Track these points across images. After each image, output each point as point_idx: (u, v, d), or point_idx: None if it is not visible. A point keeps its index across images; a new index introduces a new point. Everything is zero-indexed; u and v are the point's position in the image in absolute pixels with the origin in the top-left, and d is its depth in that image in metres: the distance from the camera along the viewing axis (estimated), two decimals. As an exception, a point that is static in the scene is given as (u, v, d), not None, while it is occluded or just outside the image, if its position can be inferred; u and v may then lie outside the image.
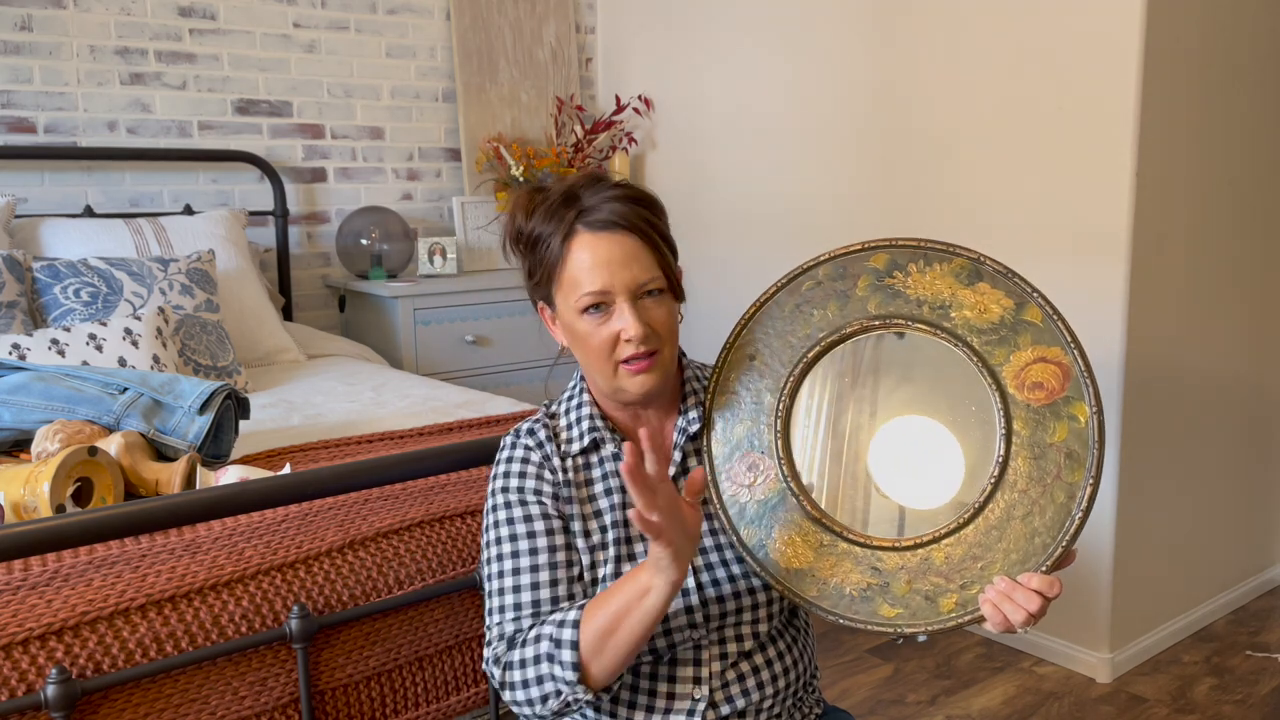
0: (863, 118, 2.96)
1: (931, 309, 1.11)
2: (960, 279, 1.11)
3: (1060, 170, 2.49)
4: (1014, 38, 2.55)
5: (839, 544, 1.10)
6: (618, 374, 1.15)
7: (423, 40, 3.54)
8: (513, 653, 1.10)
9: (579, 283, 1.13)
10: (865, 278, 1.14)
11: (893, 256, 1.14)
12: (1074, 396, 1.04)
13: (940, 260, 1.12)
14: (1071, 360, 1.05)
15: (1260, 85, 2.72)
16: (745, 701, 1.18)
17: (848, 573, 1.08)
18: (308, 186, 3.37)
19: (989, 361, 1.07)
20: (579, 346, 1.17)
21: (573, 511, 1.18)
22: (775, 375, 1.16)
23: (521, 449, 1.22)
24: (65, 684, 1.11)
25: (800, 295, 1.17)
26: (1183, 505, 2.72)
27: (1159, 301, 2.51)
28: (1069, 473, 1.03)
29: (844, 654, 2.67)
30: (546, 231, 1.15)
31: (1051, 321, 1.06)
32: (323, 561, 1.38)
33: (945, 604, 1.04)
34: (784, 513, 1.12)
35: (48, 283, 2.46)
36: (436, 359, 3.17)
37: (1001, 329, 1.08)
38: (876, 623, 1.06)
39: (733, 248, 3.41)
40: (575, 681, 1.05)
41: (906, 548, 1.07)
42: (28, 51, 2.85)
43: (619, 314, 1.13)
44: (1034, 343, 1.06)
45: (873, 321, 1.13)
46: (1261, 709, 2.41)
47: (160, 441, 1.73)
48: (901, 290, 1.13)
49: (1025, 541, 1.03)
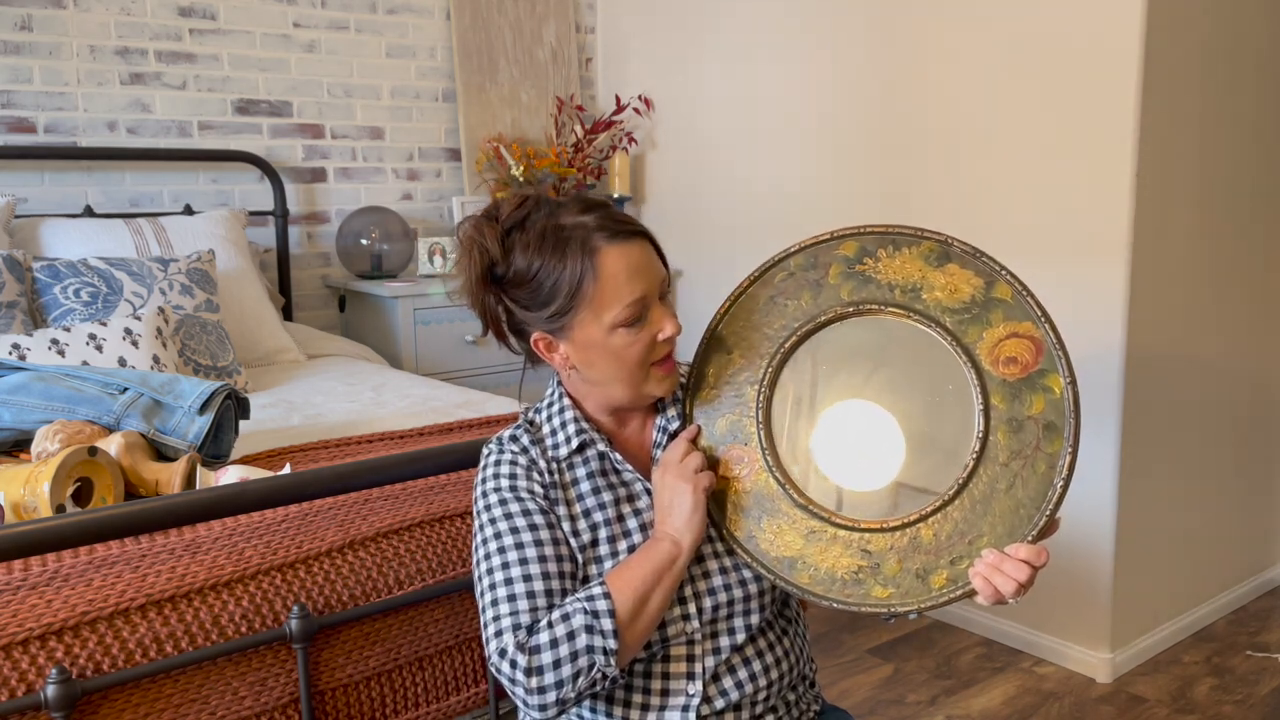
0: (863, 118, 2.96)
1: (903, 293, 1.13)
2: (929, 261, 1.13)
3: (1061, 170, 2.49)
4: (1015, 38, 2.55)
5: (827, 529, 1.11)
6: (648, 379, 1.16)
7: (423, 40, 3.54)
8: (537, 637, 1.09)
9: (619, 295, 1.11)
10: (836, 266, 1.16)
11: (862, 244, 1.16)
12: (1048, 369, 1.07)
13: (909, 244, 1.15)
14: (1043, 334, 1.07)
15: (1261, 84, 2.72)
16: (739, 694, 1.18)
17: (838, 557, 1.10)
18: (308, 186, 3.37)
19: (963, 340, 1.10)
20: (604, 362, 1.15)
21: (560, 513, 1.18)
22: (754, 367, 1.17)
23: (509, 453, 1.21)
24: (65, 684, 1.10)
25: (774, 287, 1.18)
26: (1183, 505, 2.72)
27: (1159, 302, 2.51)
28: (1048, 443, 1.05)
29: (844, 654, 2.67)
30: (552, 264, 1.12)
31: (1021, 297, 1.09)
32: (323, 561, 1.38)
33: (936, 581, 1.06)
34: (771, 502, 1.14)
35: (48, 283, 2.46)
36: (436, 359, 3.17)
37: (973, 308, 1.10)
38: (870, 604, 1.07)
39: (732, 247, 3.41)
40: (615, 650, 1.07)
41: (895, 528, 1.09)
42: (28, 51, 2.85)
43: (655, 317, 1.14)
44: (1005, 319, 1.09)
45: (846, 309, 1.15)
46: (1261, 709, 2.41)
47: (160, 441, 1.73)
48: (873, 276, 1.15)
49: (1011, 514, 1.05)
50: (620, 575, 1.11)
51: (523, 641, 1.09)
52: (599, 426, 1.23)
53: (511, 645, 1.09)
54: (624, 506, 1.21)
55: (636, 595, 1.09)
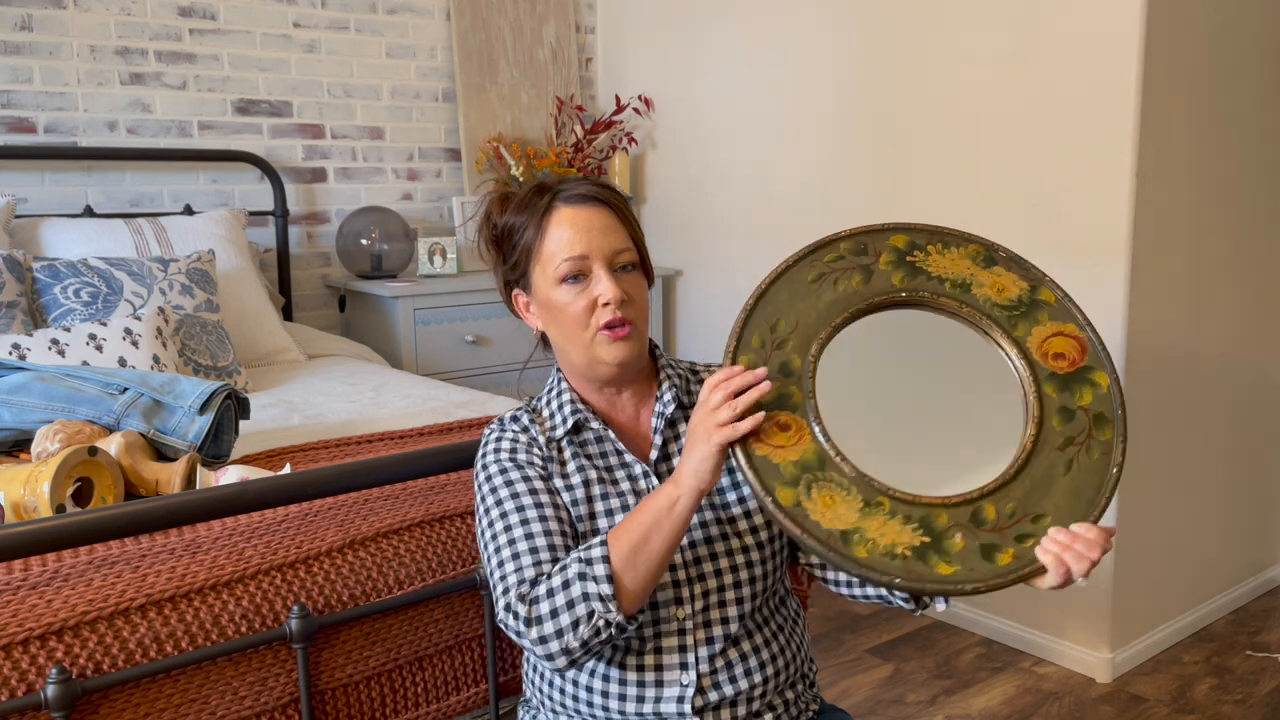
0: (863, 118, 2.96)
1: (954, 285, 1.18)
2: (977, 261, 1.19)
3: (1060, 168, 2.49)
4: (1015, 36, 2.56)
5: (886, 502, 1.07)
6: (594, 343, 1.20)
7: (423, 40, 3.54)
8: (538, 587, 1.11)
9: (559, 250, 1.19)
10: (887, 254, 1.19)
11: (912, 237, 1.20)
12: (1094, 366, 1.14)
13: (956, 244, 1.20)
14: (1087, 335, 1.15)
15: (1261, 84, 2.72)
16: (734, 689, 1.19)
17: (898, 533, 1.06)
18: (308, 186, 3.37)
19: (1013, 334, 1.15)
20: (556, 319, 1.22)
21: (559, 485, 1.22)
22: (803, 337, 1.15)
23: (510, 431, 1.26)
24: (65, 684, 1.11)
25: (822, 266, 1.19)
26: (1183, 505, 2.72)
27: (1159, 300, 2.51)
28: (1100, 433, 1.12)
29: (844, 654, 2.67)
30: (522, 219, 1.23)
31: (1066, 301, 1.17)
32: (323, 561, 1.38)
33: (1003, 559, 1.05)
34: (821, 471, 1.09)
35: (48, 283, 2.46)
36: (436, 359, 3.17)
37: (1021, 305, 1.17)
38: (934, 582, 1.03)
39: (733, 247, 3.41)
40: (610, 595, 1.07)
41: (957, 504, 1.07)
42: (28, 51, 2.85)
43: (596, 280, 1.19)
44: (1051, 319, 1.16)
45: (899, 294, 1.17)
46: (1261, 709, 2.41)
47: (160, 441, 1.73)
48: (923, 268, 1.19)
49: (1071, 495, 1.08)
50: (620, 527, 1.11)
51: (525, 594, 1.12)
52: (594, 408, 1.27)
53: (515, 599, 1.12)
54: (623, 485, 1.23)
55: (633, 539, 1.08)
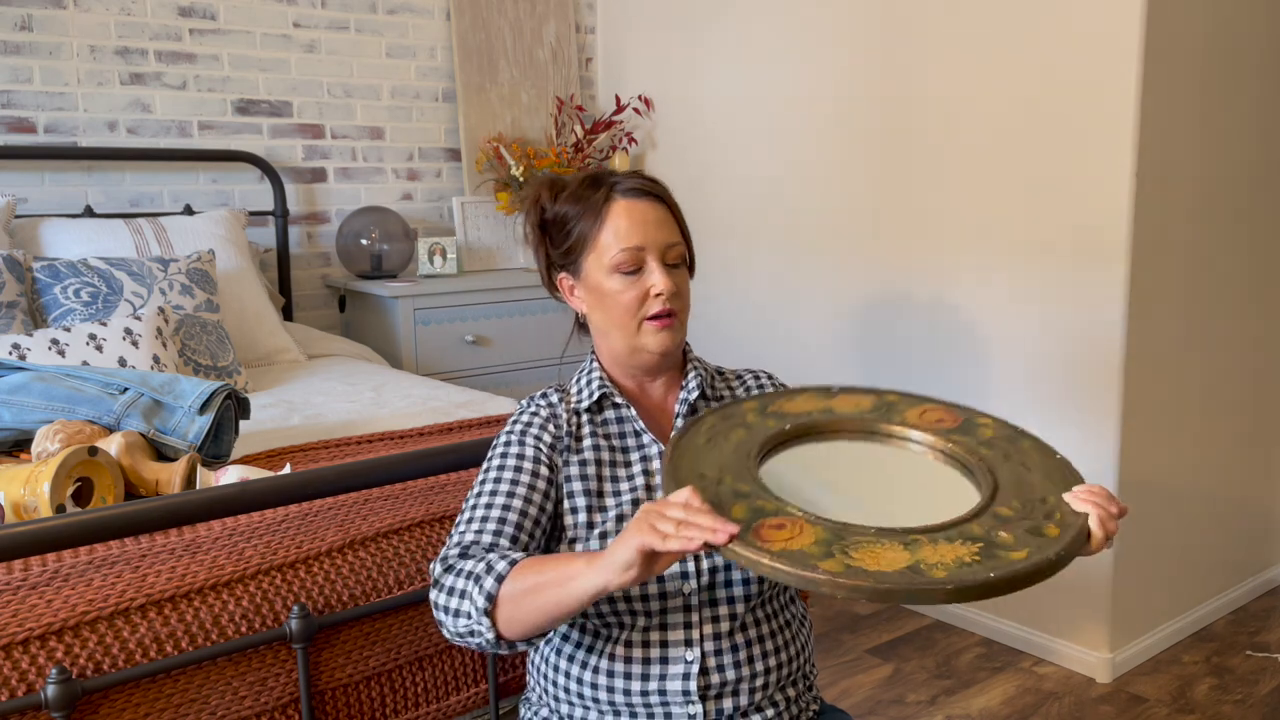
0: (863, 118, 2.96)
1: (820, 414, 1.27)
2: (821, 397, 1.31)
3: (1060, 170, 2.49)
4: (1015, 37, 2.56)
5: (919, 538, 1.06)
6: (640, 331, 1.25)
7: (423, 40, 3.54)
8: (462, 562, 1.14)
9: (616, 240, 1.24)
10: (749, 414, 1.27)
11: (760, 403, 1.29)
12: (971, 416, 1.25)
13: (796, 394, 1.32)
14: (946, 403, 1.28)
15: (1261, 83, 2.72)
16: (736, 674, 1.20)
17: (953, 550, 1.05)
18: (308, 186, 3.37)
19: (893, 423, 1.25)
20: (605, 306, 1.26)
21: (570, 460, 1.25)
22: (735, 472, 1.13)
23: (535, 406, 1.31)
24: (65, 684, 1.11)
25: (706, 432, 1.23)
26: (1183, 505, 2.72)
27: (1159, 301, 2.51)
28: (1022, 441, 1.22)
29: (844, 654, 2.67)
30: (576, 209, 1.27)
31: (910, 394, 1.30)
32: (323, 561, 1.38)
33: (1050, 531, 1.08)
34: (843, 540, 1.05)
35: (48, 283, 2.46)
36: (436, 359, 3.17)
37: (880, 408, 1.28)
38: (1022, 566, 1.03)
39: (733, 247, 3.41)
40: (483, 612, 1.09)
41: (975, 515, 1.10)
42: (28, 51, 2.85)
43: (649, 272, 1.24)
44: (909, 406, 1.28)
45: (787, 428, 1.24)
46: (1261, 709, 2.41)
47: (160, 441, 1.73)
48: (786, 412, 1.27)
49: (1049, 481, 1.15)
50: (537, 560, 1.09)
51: (450, 560, 1.16)
52: (622, 390, 1.32)
53: (450, 552, 1.16)
54: (636, 466, 1.26)
55: (530, 582, 1.06)
